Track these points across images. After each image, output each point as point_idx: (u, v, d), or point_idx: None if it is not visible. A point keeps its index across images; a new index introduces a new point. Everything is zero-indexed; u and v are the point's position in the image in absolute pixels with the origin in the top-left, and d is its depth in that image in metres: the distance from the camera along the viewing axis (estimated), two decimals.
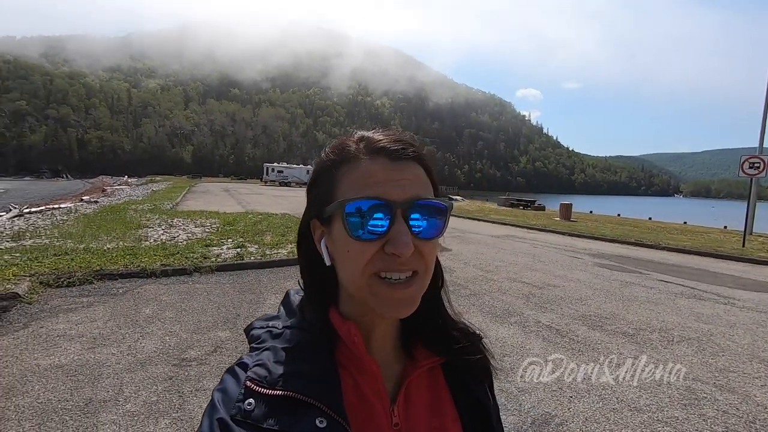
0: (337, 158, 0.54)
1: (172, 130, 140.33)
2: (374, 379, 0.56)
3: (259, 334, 0.59)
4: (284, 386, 0.50)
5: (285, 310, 0.62)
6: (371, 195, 0.50)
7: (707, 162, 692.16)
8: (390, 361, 0.60)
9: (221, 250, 7.91)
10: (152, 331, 4.23)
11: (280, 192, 36.05)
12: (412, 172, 0.53)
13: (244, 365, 0.54)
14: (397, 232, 0.49)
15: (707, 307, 6.08)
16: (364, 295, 0.52)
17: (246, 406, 0.49)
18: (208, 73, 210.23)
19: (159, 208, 15.65)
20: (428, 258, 0.52)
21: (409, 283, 0.51)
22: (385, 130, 0.57)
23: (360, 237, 0.50)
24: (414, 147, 0.54)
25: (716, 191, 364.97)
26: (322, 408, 0.50)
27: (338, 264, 0.54)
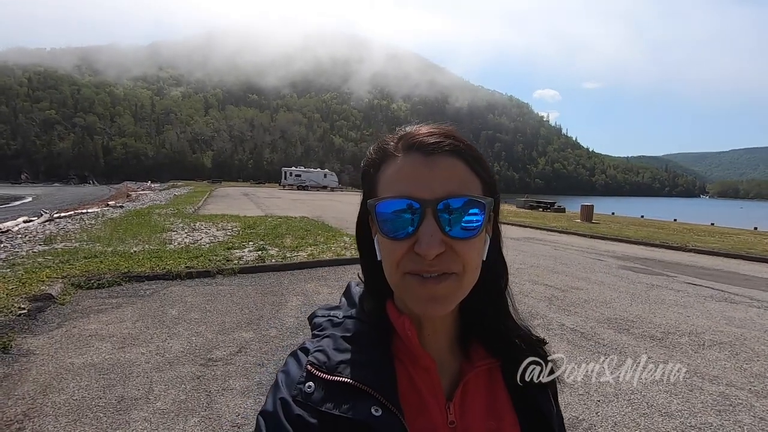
0: (377, 157, 0.55)
1: (193, 136, 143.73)
2: (429, 374, 0.56)
3: (320, 322, 0.61)
4: (342, 373, 0.52)
5: (346, 301, 0.64)
6: (399, 194, 0.49)
7: (734, 161, 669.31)
8: (446, 358, 0.59)
9: (243, 253, 8.04)
10: (179, 332, 4.33)
11: (297, 196, 36.45)
12: (447, 167, 0.50)
13: (305, 350, 0.57)
14: (422, 232, 0.48)
15: (739, 310, 5.87)
16: (400, 292, 0.52)
17: (306, 388, 0.51)
18: (232, 80, 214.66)
19: (182, 212, 16.02)
20: (467, 258, 0.50)
21: (440, 279, 0.49)
22: (428, 123, 0.56)
23: (390, 236, 0.50)
24: (451, 140, 0.52)
25: (744, 191, 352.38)
26: (378, 397, 0.50)
27: (382, 259, 0.54)
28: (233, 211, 17.11)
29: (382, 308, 0.58)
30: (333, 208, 22.77)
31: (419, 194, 0.49)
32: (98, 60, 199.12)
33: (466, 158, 0.52)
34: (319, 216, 16.87)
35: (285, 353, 3.87)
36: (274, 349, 3.98)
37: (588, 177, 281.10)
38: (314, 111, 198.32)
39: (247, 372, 3.51)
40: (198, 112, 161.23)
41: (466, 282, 0.51)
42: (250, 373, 3.50)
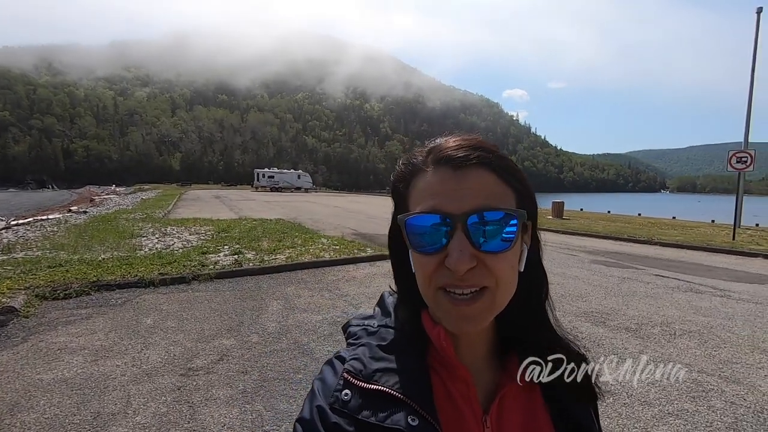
0: (406, 171, 0.55)
1: (160, 137, 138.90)
2: (465, 385, 0.55)
3: (355, 331, 0.61)
4: (379, 381, 0.52)
5: (380, 310, 0.64)
6: (429, 209, 0.50)
7: (692, 158, 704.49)
8: (482, 370, 0.58)
9: (218, 257, 7.83)
10: (155, 342, 4.16)
11: (271, 197, 35.85)
12: (477, 180, 0.50)
13: (341, 358, 0.57)
14: (452, 246, 0.48)
15: (705, 300, 6.17)
16: (432, 307, 0.53)
17: (343, 396, 0.52)
18: (203, 80, 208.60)
19: (151, 217, 15.46)
20: (499, 272, 0.49)
21: (474, 299, 0.49)
22: (457, 135, 0.55)
23: (420, 250, 0.51)
24: (480, 152, 0.51)
25: (701, 186, 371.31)
26: (415, 407, 0.50)
27: (415, 273, 0.55)
28: (205, 215, 16.67)
29: (417, 318, 0.58)
30: (309, 209, 22.52)
31: (448, 209, 0.49)
32: (58, 59, 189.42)
33: (496, 169, 0.51)
34: (295, 218, 16.64)
35: (268, 359, 3.80)
36: (257, 356, 3.89)
37: (557, 174, 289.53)
38: (286, 111, 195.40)
39: (230, 380, 3.42)
40: (165, 113, 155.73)
41: (499, 297, 0.51)
42: (234, 381, 3.41)
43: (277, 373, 3.55)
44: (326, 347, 4.13)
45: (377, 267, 7.84)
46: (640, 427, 2.88)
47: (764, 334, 4.76)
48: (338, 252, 8.70)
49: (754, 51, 17.77)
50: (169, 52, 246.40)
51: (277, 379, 3.44)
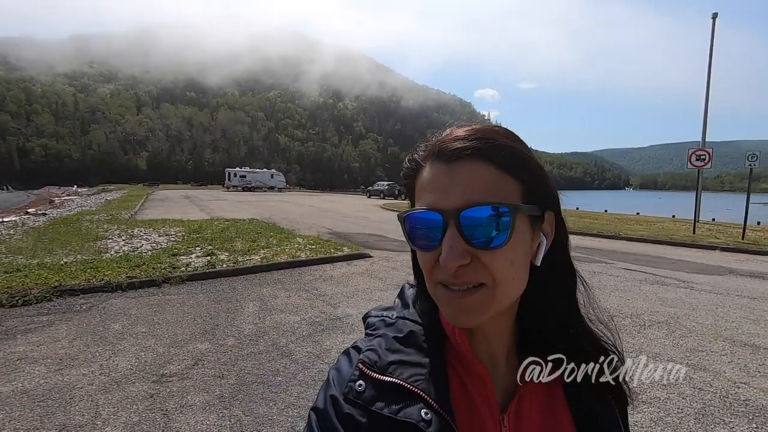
0: (409, 168, 0.54)
1: (124, 136, 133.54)
2: (482, 382, 0.54)
3: (373, 321, 0.60)
4: (393, 373, 0.51)
5: (399, 302, 0.63)
6: (423, 205, 0.49)
7: (653, 156, 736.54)
8: (500, 367, 0.56)
9: (190, 259, 7.58)
10: (125, 348, 3.98)
11: (244, 197, 35.12)
12: (469, 173, 0.47)
13: (357, 348, 0.57)
14: (445, 243, 0.47)
15: (670, 291, 6.44)
16: (436, 300, 0.52)
17: (357, 387, 0.51)
18: (171, 77, 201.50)
19: (117, 218, 14.83)
20: (495, 269, 0.47)
21: (468, 293, 0.47)
22: (464, 124, 0.52)
23: (418, 247, 0.51)
24: (474, 142, 0.48)
25: (662, 183, 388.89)
26: (429, 400, 0.49)
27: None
28: (175, 215, 16.14)
29: (435, 311, 0.56)
30: (282, 209, 22.19)
31: (441, 204, 0.48)
32: (13, 54, 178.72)
33: (494, 160, 0.48)
34: (269, 217, 16.35)
35: (245, 363, 3.69)
36: (233, 359, 3.78)
37: None
38: (258, 109, 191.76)
39: (206, 386, 3.30)
40: (129, 111, 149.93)
41: (499, 293, 0.48)
42: (210, 386, 3.29)
43: (255, 377, 3.46)
44: (305, 348, 4.05)
45: (354, 266, 7.79)
46: None
47: (726, 323, 5.01)
48: (314, 251, 8.59)
49: (710, 54, 18.70)
50: (134, 47, 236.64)
51: (256, 383, 3.35)
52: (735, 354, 4.10)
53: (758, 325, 4.94)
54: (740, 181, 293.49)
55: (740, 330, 4.77)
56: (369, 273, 7.28)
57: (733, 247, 10.83)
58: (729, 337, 4.53)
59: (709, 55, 18.84)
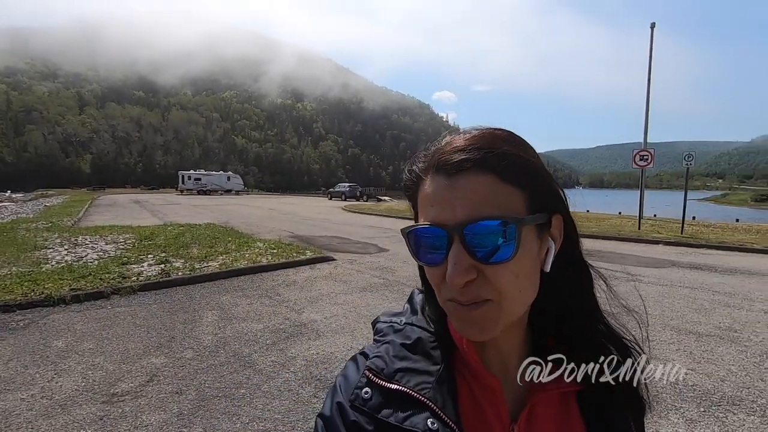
0: (409, 180, 0.53)
1: (65, 137, 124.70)
2: (492, 392, 0.52)
3: (382, 327, 0.60)
4: (400, 381, 0.51)
5: (409, 308, 0.62)
6: (426, 221, 0.48)
7: (600, 156, 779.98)
8: (512, 377, 0.54)
9: (142, 268, 7.15)
10: (70, 367, 3.67)
11: (199, 201, 33.76)
12: (471, 186, 0.45)
13: (365, 354, 0.57)
14: (450, 259, 0.45)
15: (620, 285, 6.70)
16: (447, 313, 0.50)
17: (363, 394, 0.51)
18: (122, 76, 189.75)
19: (58, 226, 13.77)
20: (500, 284, 0.45)
21: (475, 306, 0.46)
22: (463, 133, 0.50)
23: (425, 262, 0.49)
24: (476, 153, 0.46)
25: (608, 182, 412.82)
26: (436, 410, 0.49)
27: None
28: (124, 221, 15.22)
29: (444, 318, 0.56)
30: (241, 212, 21.53)
31: (444, 219, 0.46)
32: None
33: (496, 170, 0.46)
34: (226, 222, 15.79)
35: (206, 376, 3.52)
36: (192, 373, 3.58)
37: None
38: (212, 110, 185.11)
39: (162, 403, 3.10)
40: (71, 110, 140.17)
41: (506, 307, 0.47)
42: (167, 403, 3.10)
43: (216, 390, 3.29)
44: (269, 357, 3.91)
45: (317, 270, 7.66)
46: None
47: (672, 313, 5.34)
48: (276, 256, 8.36)
49: (650, 61, 20.02)
50: (78, 43, 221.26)
51: (217, 397, 3.19)
52: (681, 342, 4.37)
53: (700, 314, 5.31)
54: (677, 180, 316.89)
55: (684, 319, 5.10)
56: (333, 276, 7.18)
57: (674, 241, 11.63)
58: (675, 327, 4.83)
59: (648, 62, 20.16)
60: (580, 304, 0.56)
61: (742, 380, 3.53)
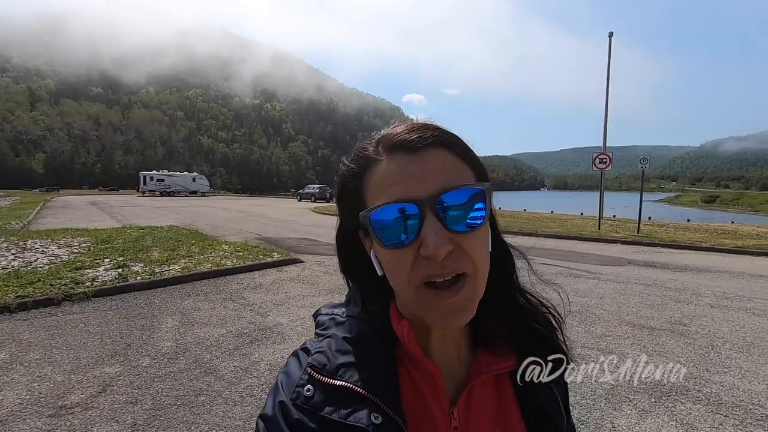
0: (357, 167, 0.51)
1: (15, 135, 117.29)
2: (433, 379, 0.54)
3: (324, 320, 0.59)
4: (343, 377, 0.50)
5: (351, 299, 0.60)
6: (393, 198, 0.46)
7: (564, 159, 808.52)
8: (452, 364, 0.56)
9: (97, 273, 6.81)
10: (13, 379, 3.44)
11: (162, 203, 32.53)
12: (435, 159, 0.47)
13: (306, 350, 0.55)
14: (426, 232, 0.45)
15: (581, 282, 7.05)
16: (415, 307, 0.49)
17: (305, 392, 0.50)
18: (85, 72, 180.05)
19: (4, 229, 12.92)
20: (474, 254, 0.47)
21: (456, 289, 0.46)
22: (404, 121, 0.52)
23: (392, 246, 0.47)
24: (432, 131, 0.49)
25: (572, 184, 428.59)
26: (379, 404, 0.49)
27: (386, 273, 0.51)
28: (79, 224, 14.46)
29: (386, 310, 0.56)
30: (206, 214, 20.91)
31: (414, 195, 0.46)
32: None
33: (453, 147, 0.49)
34: (191, 224, 15.29)
35: (163, 384, 3.38)
36: (149, 381, 3.43)
37: None
38: (177, 108, 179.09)
39: (115, 414, 2.95)
40: (21, 107, 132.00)
41: (480, 281, 0.48)
42: (120, 414, 2.95)
43: (174, 399, 3.16)
44: (232, 363, 3.81)
45: (285, 272, 7.53)
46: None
47: (627, 308, 5.59)
48: (242, 258, 8.17)
49: (608, 68, 20.94)
50: (35, 36, 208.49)
51: (175, 405, 3.07)
52: (636, 336, 4.58)
53: (653, 309, 5.58)
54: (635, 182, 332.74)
55: (639, 314, 5.35)
56: (300, 279, 7.08)
57: (631, 240, 12.20)
58: (630, 322, 5.06)
59: (607, 69, 21.09)
60: (506, 283, 0.59)
61: (690, 371, 3.74)
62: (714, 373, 3.70)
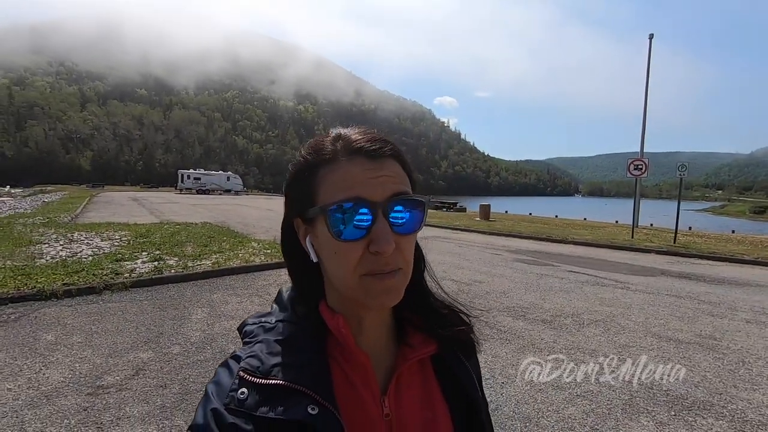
0: (314, 159, 0.55)
1: (66, 133, 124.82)
2: (364, 369, 0.57)
3: (251, 329, 0.60)
4: (276, 376, 0.52)
5: (277, 306, 0.64)
6: (352, 196, 0.51)
7: (599, 165, 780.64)
8: (381, 353, 0.61)
9: (135, 265, 7.22)
10: (58, 359, 3.74)
11: (198, 200, 33.81)
12: (391, 169, 0.53)
13: (237, 357, 0.56)
14: (379, 231, 0.50)
15: (608, 292, 6.87)
16: (357, 294, 0.53)
17: (239, 395, 0.51)
18: (134, 76, 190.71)
19: (55, 221, 13.84)
20: (407, 253, 0.54)
21: (394, 273, 0.52)
22: (360, 128, 0.57)
23: (345, 238, 0.51)
24: (390, 144, 0.55)
25: (607, 190, 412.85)
26: (313, 395, 0.51)
27: (326, 263, 0.55)
28: (121, 219, 15.29)
29: (316, 310, 0.60)
30: (238, 212, 21.59)
31: (370, 195, 0.51)
32: None
33: (401, 161, 0.56)
34: (223, 221, 15.86)
35: (190, 371, 3.58)
36: (177, 368, 3.65)
37: (484, 178, 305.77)
38: (214, 110, 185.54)
39: (146, 396, 3.17)
40: (72, 107, 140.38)
41: (408, 275, 0.55)
42: (151, 396, 3.17)
43: (200, 385, 3.36)
44: None
45: None
46: (553, 409, 3.14)
47: (655, 320, 5.42)
48: (269, 256, 8.43)
49: (647, 70, 20.18)
50: (93, 42, 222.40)
51: (201, 391, 3.25)
52: (661, 348, 4.44)
53: (682, 322, 5.39)
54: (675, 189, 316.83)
55: (667, 326, 5.18)
56: None
57: (666, 250, 11.71)
58: (657, 333, 4.91)
59: (646, 72, 20.32)
60: (421, 277, 0.65)
61: (716, 386, 3.61)
62: (742, 390, 3.56)
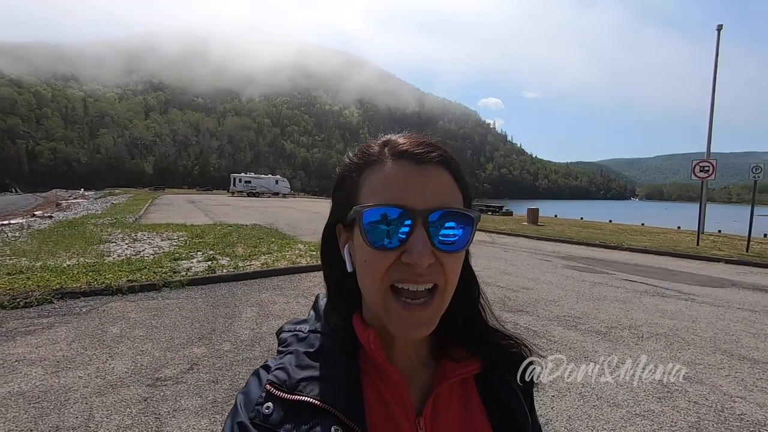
0: (360, 161, 0.53)
1: (132, 140, 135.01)
2: (397, 388, 0.54)
3: (286, 337, 0.59)
4: (303, 391, 0.50)
5: (313, 314, 0.62)
6: (390, 202, 0.47)
7: (659, 167, 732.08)
8: (416, 370, 0.57)
9: (191, 264, 7.63)
10: (122, 351, 4.01)
11: (248, 203, 35.27)
12: (437, 177, 0.49)
13: (267, 368, 0.55)
14: (414, 242, 0.46)
15: (670, 303, 6.39)
16: (380, 309, 0.50)
17: (264, 410, 0.49)
18: (212, 90, 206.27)
19: (121, 222, 14.97)
20: (450, 271, 0.49)
21: (426, 304, 0.48)
22: (412, 133, 0.54)
23: (377, 245, 0.48)
24: (440, 150, 0.51)
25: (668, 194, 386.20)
26: (340, 416, 0.48)
27: (358, 272, 0.52)
28: (179, 220, 16.25)
29: (348, 321, 0.56)
30: (286, 215, 22.28)
31: (411, 203, 0.47)
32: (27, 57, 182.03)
33: (452, 170, 0.51)
34: (271, 223, 16.42)
35: (240, 368, 3.71)
36: (228, 364, 3.79)
37: (532, 181, 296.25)
38: (264, 116, 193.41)
39: (200, 390, 3.32)
40: (137, 116, 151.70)
41: (447, 295, 0.50)
42: (204, 391, 3.31)
43: None
44: None
45: None
46: (609, 428, 2.95)
47: (725, 336, 4.96)
48: (315, 258, 8.61)
49: (715, 65, 18.67)
50: (182, 59, 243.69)
51: None
52: (733, 368, 4.06)
53: (758, 339, 4.89)
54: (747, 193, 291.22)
55: (739, 343, 4.73)
56: None
57: (737, 259, 10.73)
58: (728, 351, 4.49)
59: (714, 67, 18.81)
60: (469, 304, 0.61)
61: None
62: None
